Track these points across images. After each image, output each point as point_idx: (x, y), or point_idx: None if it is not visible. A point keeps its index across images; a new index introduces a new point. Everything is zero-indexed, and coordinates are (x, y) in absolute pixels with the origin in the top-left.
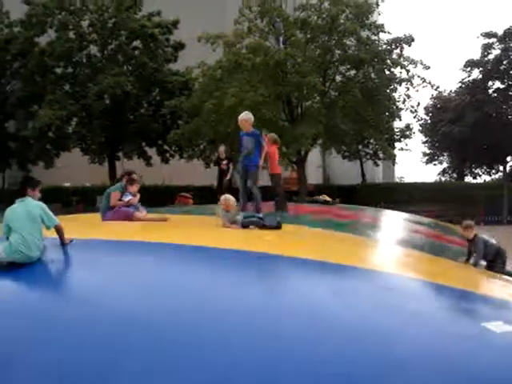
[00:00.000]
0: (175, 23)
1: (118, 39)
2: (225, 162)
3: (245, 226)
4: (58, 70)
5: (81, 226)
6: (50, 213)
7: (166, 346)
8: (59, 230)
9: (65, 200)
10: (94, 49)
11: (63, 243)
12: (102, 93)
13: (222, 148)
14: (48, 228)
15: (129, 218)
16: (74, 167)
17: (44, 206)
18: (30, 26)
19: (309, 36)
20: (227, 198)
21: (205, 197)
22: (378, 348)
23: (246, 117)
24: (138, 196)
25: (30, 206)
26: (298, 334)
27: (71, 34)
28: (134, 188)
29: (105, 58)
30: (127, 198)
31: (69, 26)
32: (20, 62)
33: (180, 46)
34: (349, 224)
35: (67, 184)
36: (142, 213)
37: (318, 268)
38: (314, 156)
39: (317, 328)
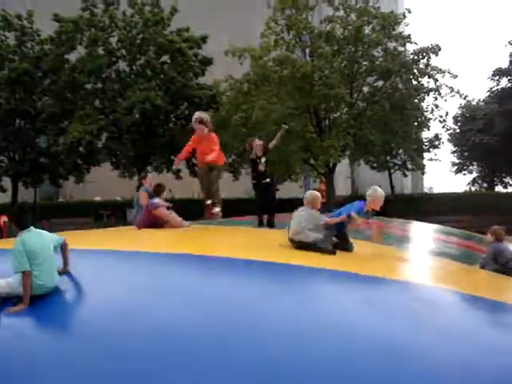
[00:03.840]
0: (203, 38)
1: (147, 54)
2: (263, 160)
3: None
4: (88, 86)
5: (122, 238)
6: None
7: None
8: (66, 249)
9: (95, 214)
10: (122, 64)
11: (66, 264)
12: (131, 107)
13: (258, 142)
14: (55, 249)
15: (153, 209)
16: (104, 181)
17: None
18: (60, 43)
19: (335, 48)
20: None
21: (233, 209)
22: (411, 362)
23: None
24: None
25: (44, 235)
26: (335, 346)
27: (100, 51)
28: (162, 196)
29: (134, 73)
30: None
31: (98, 42)
32: (51, 79)
33: (208, 61)
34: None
35: (98, 198)
36: (172, 216)
37: (352, 280)
38: (343, 167)
39: (353, 342)
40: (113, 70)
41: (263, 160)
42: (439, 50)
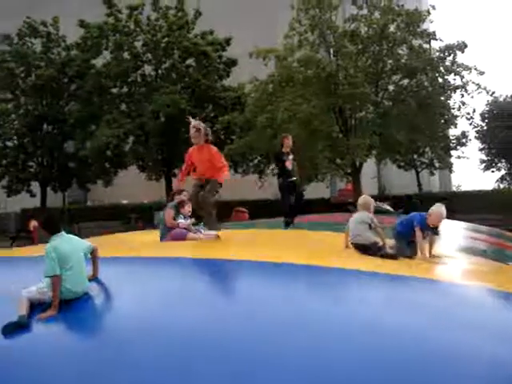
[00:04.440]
0: (228, 40)
1: (172, 58)
2: (291, 157)
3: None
4: (114, 90)
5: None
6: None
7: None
8: (96, 255)
9: (124, 217)
10: (148, 68)
11: (95, 270)
12: (157, 111)
13: (288, 139)
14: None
15: (183, 239)
16: (132, 184)
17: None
18: (85, 48)
19: (360, 47)
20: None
21: (259, 211)
22: (443, 360)
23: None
24: (190, 220)
25: (74, 240)
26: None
27: (126, 55)
28: (186, 209)
29: (159, 76)
30: (180, 220)
31: (123, 47)
32: (77, 84)
33: (232, 63)
34: None
35: (125, 201)
36: (200, 235)
37: (381, 279)
38: (369, 166)
39: (383, 341)
40: (138, 74)
41: (290, 157)
42: (465, 46)
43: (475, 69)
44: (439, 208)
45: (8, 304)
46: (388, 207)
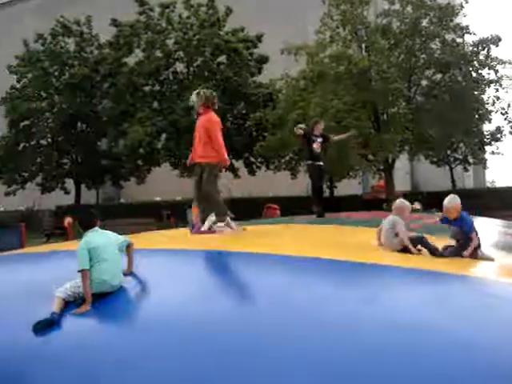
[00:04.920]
0: (259, 37)
1: (203, 55)
2: (319, 140)
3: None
4: (146, 88)
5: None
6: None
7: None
8: (131, 250)
9: (157, 214)
10: (179, 66)
11: (130, 264)
12: (189, 108)
13: (321, 125)
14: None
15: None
16: (164, 181)
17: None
18: (118, 46)
19: (392, 42)
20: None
21: (291, 208)
22: (480, 358)
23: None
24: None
25: (109, 235)
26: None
27: (158, 53)
28: None
29: (190, 74)
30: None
31: (155, 45)
32: (109, 82)
33: (264, 59)
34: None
35: (158, 198)
36: (231, 228)
37: (421, 277)
38: (402, 163)
39: (421, 339)
40: (170, 71)
41: (319, 140)
42: (499, 40)
43: (510, 63)
44: (456, 200)
45: (42, 299)
46: (418, 207)
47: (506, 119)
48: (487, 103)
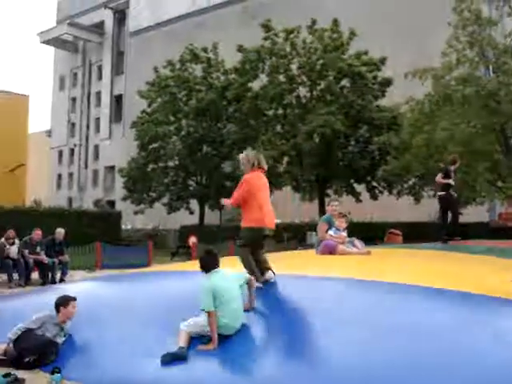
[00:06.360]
0: (382, 60)
1: (327, 79)
2: (453, 176)
3: None
4: (270, 112)
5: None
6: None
7: None
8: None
9: (277, 236)
10: (302, 90)
11: (251, 300)
12: (312, 132)
13: (459, 159)
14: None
15: (333, 251)
16: (283, 204)
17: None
18: (244, 72)
19: None
20: None
21: (413, 233)
22: None
23: None
24: (343, 233)
25: (230, 276)
26: None
27: (281, 78)
28: (343, 223)
29: (313, 98)
30: (332, 231)
31: (279, 69)
32: (235, 107)
33: (388, 82)
34: None
35: (278, 221)
36: (357, 248)
37: None
38: None
39: None
40: (293, 95)
41: (453, 176)
42: None
43: None
44: None
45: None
46: None
47: None
48: None
